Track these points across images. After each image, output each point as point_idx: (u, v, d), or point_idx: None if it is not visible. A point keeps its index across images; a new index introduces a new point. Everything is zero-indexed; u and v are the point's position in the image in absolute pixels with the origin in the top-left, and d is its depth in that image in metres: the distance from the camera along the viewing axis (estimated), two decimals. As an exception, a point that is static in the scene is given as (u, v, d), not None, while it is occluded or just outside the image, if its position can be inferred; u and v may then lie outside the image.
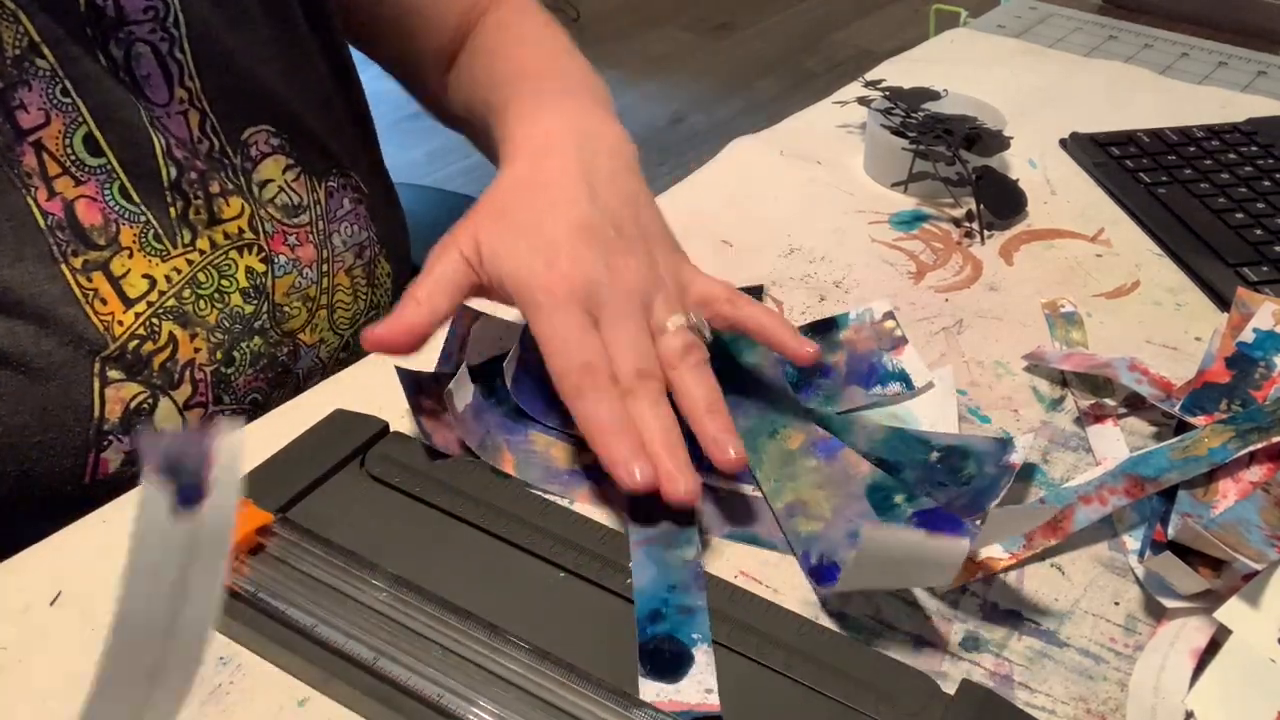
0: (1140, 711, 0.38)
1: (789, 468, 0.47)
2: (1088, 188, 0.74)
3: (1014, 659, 0.41)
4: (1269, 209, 0.69)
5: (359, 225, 0.63)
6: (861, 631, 0.42)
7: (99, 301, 0.51)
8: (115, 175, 0.51)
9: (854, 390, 0.53)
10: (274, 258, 0.58)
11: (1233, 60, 0.97)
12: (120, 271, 0.51)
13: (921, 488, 0.46)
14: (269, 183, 0.58)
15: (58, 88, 0.49)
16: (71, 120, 0.49)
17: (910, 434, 0.49)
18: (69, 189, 0.49)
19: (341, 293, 0.62)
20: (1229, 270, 0.63)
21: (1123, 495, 0.45)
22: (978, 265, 0.65)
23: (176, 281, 0.53)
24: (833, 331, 0.56)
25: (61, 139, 0.49)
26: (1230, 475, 0.45)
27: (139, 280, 0.52)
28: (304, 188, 0.60)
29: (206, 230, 0.55)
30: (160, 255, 0.53)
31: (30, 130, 0.48)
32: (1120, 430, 0.51)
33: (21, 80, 0.48)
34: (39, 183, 0.49)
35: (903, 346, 0.55)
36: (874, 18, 3.29)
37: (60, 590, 0.42)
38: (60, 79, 0.49)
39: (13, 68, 0.47)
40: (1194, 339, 0.59)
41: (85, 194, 0.50)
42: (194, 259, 0.54)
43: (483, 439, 0.49)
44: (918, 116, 0.73)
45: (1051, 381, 0.55)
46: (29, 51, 0.47)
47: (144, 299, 0.52)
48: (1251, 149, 0.76)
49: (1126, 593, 0.44)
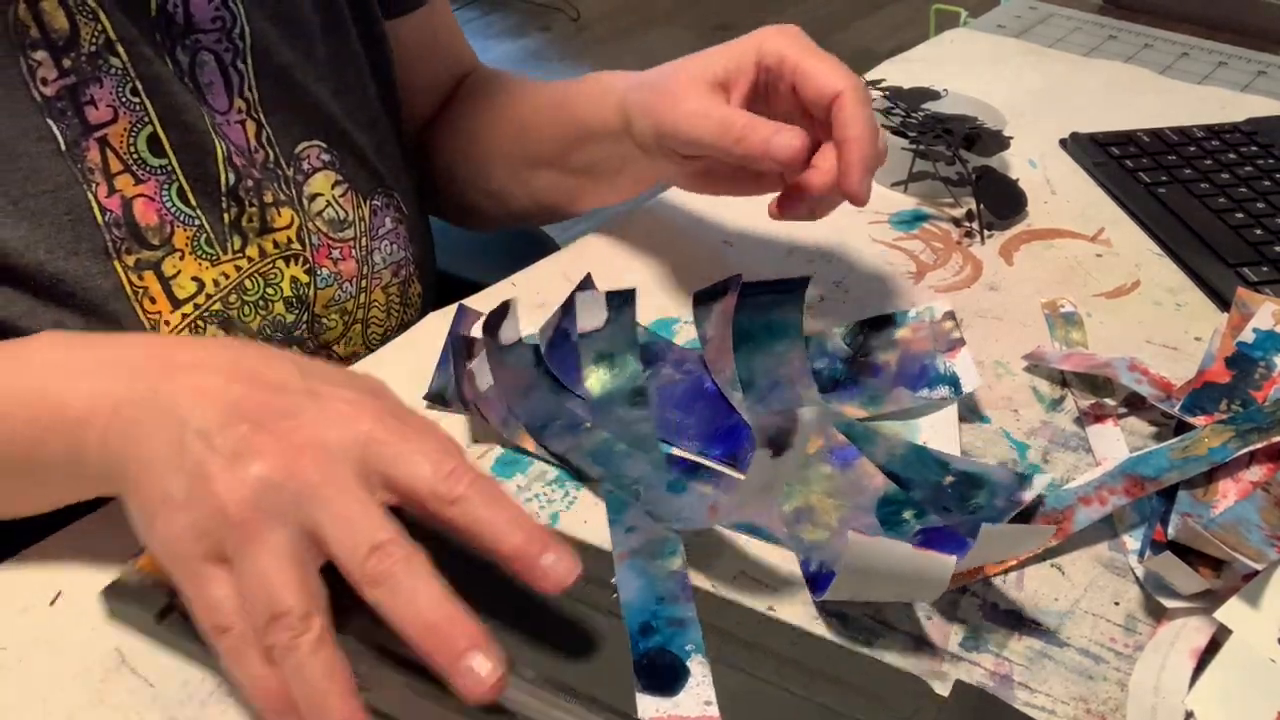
0: (1140, 711, 0.38)
1: (803, 471, 0.47)
2: (1088, 188, 0.74)
3: (1014, 659, 0.41)
4: (1269, 209, 0.69)
5: (398, 245, 0.64)
6: (861, 632, 0.42)
7: (148, 300, 0.51)
8: (175, 177, 0.52)
9: (900, 392, 0.52)
10: (317, 270, 0.58)
11: (1233, 60, 0.97)
12: (171, 272, 0.52)
13: (928, 509, 0.46)
14: (318, 196, 0.59)
15: (128, 87, 0.49)
16: (138, 119, 0.50)
17: (931, 454, 0.49)
18: (129, 187, 0.50)
19: (376, 309, 0.63)
20: (1229, 270, 0.63)
21: (1122, 495, 0.45)
22: (978, 265, 0.65)
23: (224, 286, 0.54)
24: (889, 329, 0.55)
25: (126, 137, 0.50)
26: (1230, 475, 0.45)
27: (188, 282, 0.53)
28: (350, 204, 0.61)
29: (257, 238, 0.55)
30: (210, 259, 0.53)
31: (98, 126, 0.49)
32: (1120, 430, 0.51)
33: (94, 77, 0.48)
34: (100, 179, 0.49)
35: (958, 349, 0.53)
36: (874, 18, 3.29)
37: (60, 590, 0.42)
38: (131, 78, 0.49)
39: (87, 63, 0.48)
40: (1194, 339, 0.59)
41: (144, 193, 0.51)
42: (242, 265, 0.55)
43: (505, 417, 0.50)
44: (918, 116, 0.73)
45: (1051, 381, 0.55)
46: (104, 49, 0.48)
47: (191, 301, 0.53)
48: (1251, 149, 0.76)
49: (1126, 593, 0.44)
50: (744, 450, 0.50)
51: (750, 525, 0.46)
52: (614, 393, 0.52)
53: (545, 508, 0.47)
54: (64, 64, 0.47)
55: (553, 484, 0.48)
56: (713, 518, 0.44)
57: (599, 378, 0.53)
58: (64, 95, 0.47)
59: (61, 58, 0.47)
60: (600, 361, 0.53)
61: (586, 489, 0.48)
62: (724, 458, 0.49)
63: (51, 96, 0.47)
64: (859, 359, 0.54)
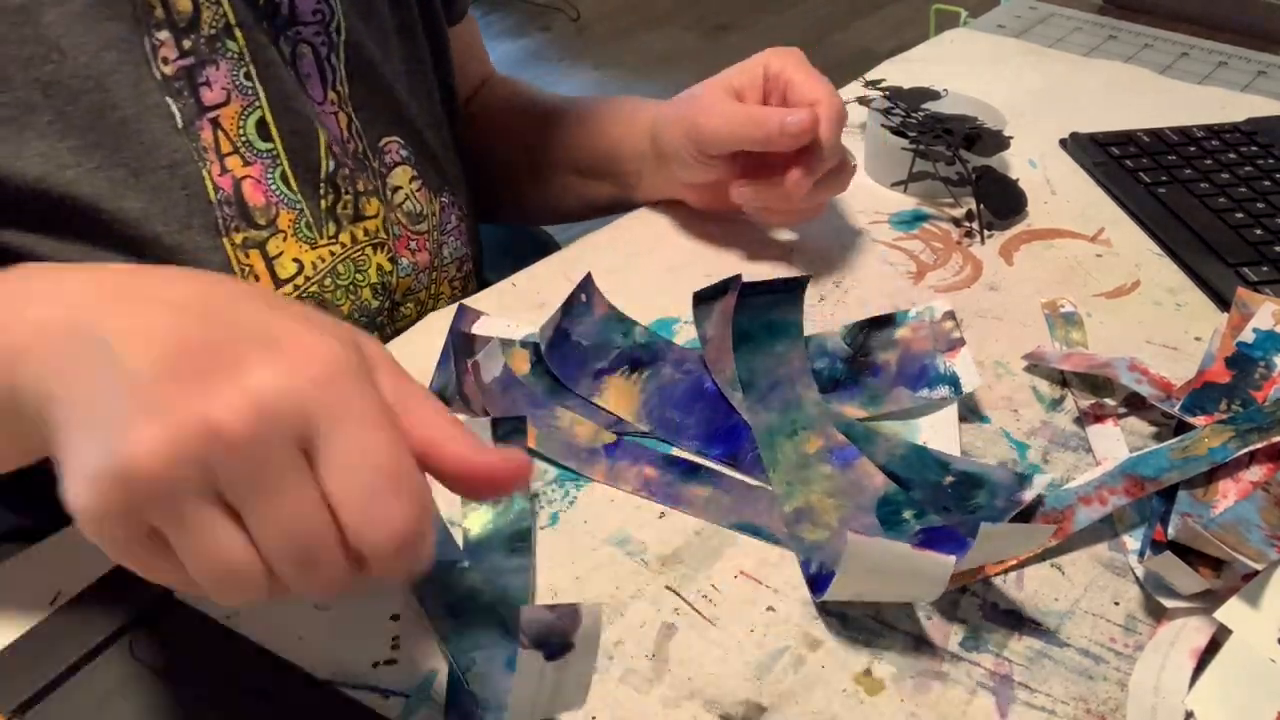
0: (1140, 711, 0.38)
1: (803, 471, 0.47)
2: (1088, 188, 0.74)
3: (1014, 659, 0.41)
4: (1269, 209, 0.69)
5: (462, 241, 0.67)
6: (861, 632, 0.42)
7: (252, 278, 0.53)
8: (279, 161, 0.53)
9: (900, 392, 0.52)
10: (398, 259, 0.60)
11: (1233, 60, 0.97)
12: (275, 252, 0.53)
13: (927, 508, 0.46)
14: (398, 189, 0.61)
15: (242, 71, 0.51)
16: (249, 103, 0.52)
17: (931, 454, 0.49)
18: (238, 168, 0.52)
19: (442, 301, 0.65)
20: (1229, 270, 0.63)
21: (1122, 495, 0.45)
22: (978, 265, 0.65)
23: (321, 269, 0.55)
24: (889, 328, 0.55)
25: (237, 120, 0.51)
26: (1230, 475, 0.45)
27: (290, 263, 0.54)
28: (425, 199, 0.63)
29: (350, 225, 0.57)
30: (310, 243, 0.55)
31: (211, 107, 0.50)
32: (1120, 430, 0.51)
33: (211, 59, 0.50)
34: (214, 158, 0.51)
35: (958, 348, 0.53)
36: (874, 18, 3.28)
37: (60, 590, 0.42)
38: (246, 62, 0.51)
39: (205, 46, 0.50)
40: (1194, 339, 0.59)
41: (251, 175, 0.52)
42: (336, 251, 0.56)
43: (507, 411, 0.50)
44: (918, 116, 0.73)
45: (1051, 381, 0.55)
46: (223, 33, 0.50)
47: (291, 281, 0.54)
48: (1251, 149, 0.76)
49: (1126, 593, 0.44)
50: (744, 450, 0.50)
51: (751, 525, 0.46)
52: (493, 536, 0.45)
53: (545, 508, 0.47)
54: (184, 45, 0.49)
55: (553, 484, 0.48)
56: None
57: (479, 517, 0.46)
58: (182, 75, 0.49)
59: (183, 39, 0.49)
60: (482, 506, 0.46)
61: (587, 489, 0.48)
62: (724, 458, 0.50)
63: (171, 75, 0.49)
64: (859, 359, 0.54)
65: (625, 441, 0.50)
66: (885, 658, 0.41)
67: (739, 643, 0.41)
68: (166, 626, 0.40)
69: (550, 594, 0.43)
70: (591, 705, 0.39)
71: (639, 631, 0.42)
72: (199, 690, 0.38)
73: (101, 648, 0.39)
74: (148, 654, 0.39)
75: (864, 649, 0.41)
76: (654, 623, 0.42)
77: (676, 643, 0.41)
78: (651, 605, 0.43)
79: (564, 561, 0.45)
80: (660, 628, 0.42)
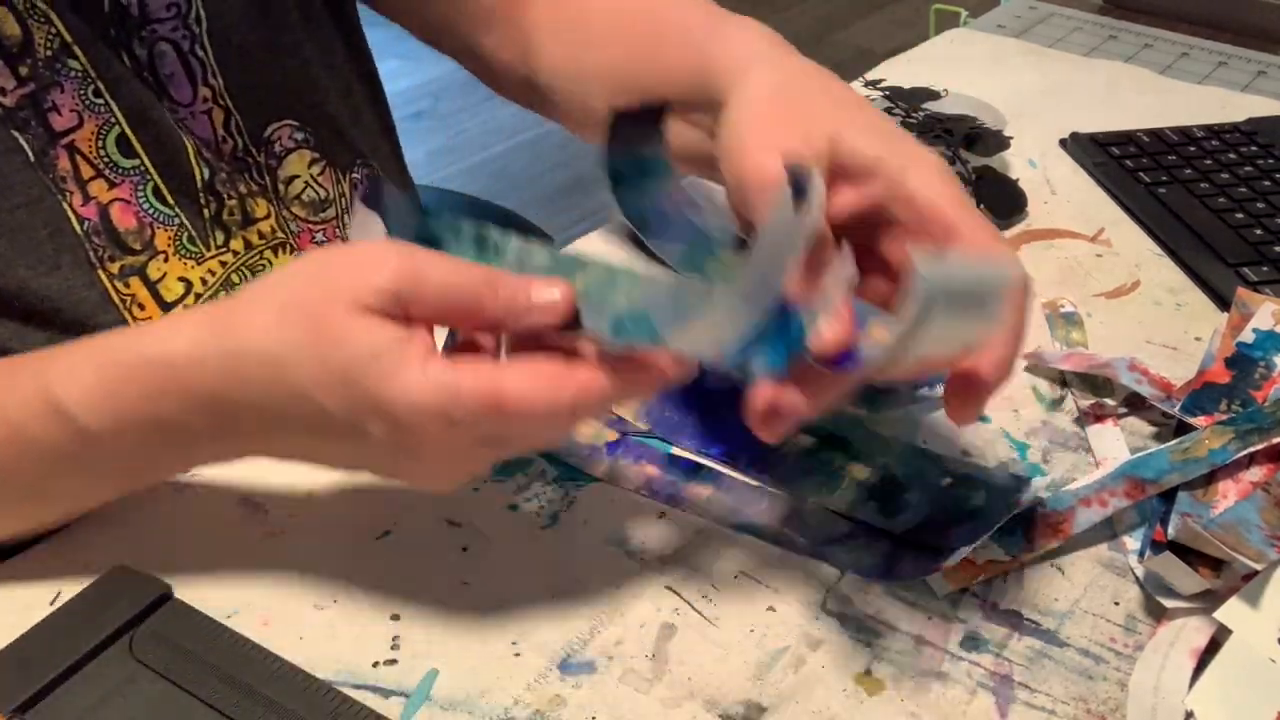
0: (1140, 711, 0.38)
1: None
2: (1088, 188, 0.74)
3: (1014, 659, 0.41)
4: (1269, 209, 0.69)
5: None
6: (862, 632, 0.42)
7: (136, 307, 0.50)
8: (149, 176, 0.51)
9: (901, 392, 0.52)
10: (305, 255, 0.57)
11: (1233, 60, 0.97)
12: (157, 276, 0.51)
13: (919, 508, 0.45)
14: (295, 179, 0.58)
15: (90, 89, 0.48)
16: (104, 122, 0.49)
17: (931, 455, 0.49)
18: (103, 192, 0.49)
19: None
20: (1229, 270, 0.63)
21: (1123, 497, 0.45)
22: (978, 265, 0.65)
23: (212, 284, 0.53)
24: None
25: (94, 141, 0.49)
26: (1230, 475, 0.45)
27: (175, 284, 0.52)
28: (330, 181, 0.59)
29: (240, 231, 0.54)
30: (195, 258, 0.52)
31: (63, 133, 0.48)
32: (1120, 430, 0.51)
33: (54, 82, 0.47)
34: (73, 186, 0.48)
35: None
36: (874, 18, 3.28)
37: (60, 590, 0.42)
38: (92, 79, 0.48)
39: (45, 69, 0.47)
40: (1194, 339, 0.59)
41: (119, 196, 0.50)
42: (228, 260, 0.54)
43: None
44: (918, 116, 0.73)
45: (1051, 381, 0.55)
46: (61, 52, 0.47)
47: (180, 303, 0.52)
48: (1251, 149, 0.76)
49: (1126, 593, 0.44)
50: (742, 450, 0.50)
51: (752, 525, 0.46)
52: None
53: (545, 508, 0.47)
54: (21, 72, 0.46)
55: (553, 484, 0.48)
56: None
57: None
58: (25, 104, 0.46)
59: (18, 65, 0.46)
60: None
61: (587, 489, 0.48)
62: (723, 457, 0.50)
63: (13, 107, 0.46)
64: None
65: (627, 440, 0.50)
66: (885, 658, 0.41)
67: (739, 643, 0.41)
68: (166, 626, 0.40)
69: (550, 594, 0.43)
70: (591, 705, 0.39)
71: (639, 631, 0.42)
72: (199, 690, 0.38)
73: (101, 648, 0.39)
74: (148, 654, 0.39)
75: (864, 649, 0.41)
76: (654, 623, 0.42)
77: (676, 643, 0.41)
78: (651, 605, 0.43)
79: (564, 561, 0.45)
80: (660, 628, 0.42)
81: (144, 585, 0.41)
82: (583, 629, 0.42)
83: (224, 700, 0.37)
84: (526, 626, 0.42)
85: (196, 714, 0.37)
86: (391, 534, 0.46)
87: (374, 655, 0.41)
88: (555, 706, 0.39)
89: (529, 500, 0.47)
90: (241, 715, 0.37)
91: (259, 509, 0.46)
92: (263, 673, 0.39)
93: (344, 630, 0.42)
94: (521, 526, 0.46)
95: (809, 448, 0.49)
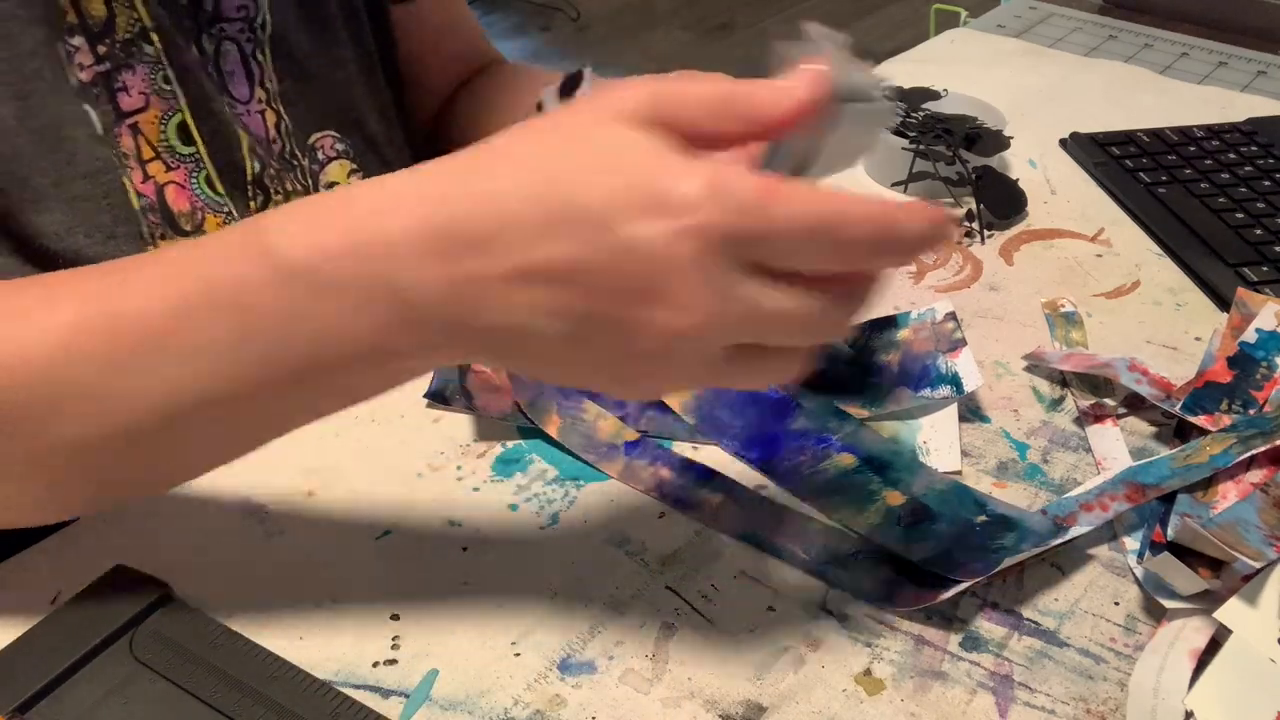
0: (1140, 711, 0.38)
1: None
2: (1088, 188, 0.74)
3: (1014, 659, 0.41)
4: (1269, 209, 0.69)
5: None
6: (862, 632, 0.42)
7: None
8: (203, 165, 0.52)
9: (901, 392, 0.52)
10: None
11: (1233, 60, 0.97)
12: None
13: (941, 539, 0.44)
14: (334, 185, 0.60)
15: (160, 75, 0.50)
16: (169, 108, 0.51)
17: (971, 492, 0.47)
18: (161, 173, 0.51)
19: None
20: (1229, 270, 0.63)
21: (1124, 501, 0.45)
22: (978, 265, 0.65)
23: None
24: (891, 329, 0.55)
25: (157, 124, 0.51)
26: (1231, 477, 0.45)
27: None
28: None
29: None
30: None
31: (130, 113, 0.50)
32: (1120, 430, 0.51)
33: (127, 64, 0.49)
34: (134, 164, 0.50)
35: (960, 349, 0.53)
36: (874, 18, 3.29)
37: (60, 590, 0.42)
38: (164, 66, 0.50)
39: (121, 50, 0.49)
40: (1194, 339, 0.59)
41: (175, 180, 0.51)
42: None
43: (534, 398, 0.50)
44: (918, 116, 0.73)
45: (1051, 381, 0.55)
46: (139, 37, 0.49)
47: None
48: (1251, 149, 0.76)
49: (1126, 593, 0.44)
50: (780, 459, 0.49)
51: (756, 536, 0.46)
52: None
53: (545, 508, 0.47)
54: (99, 50, 0.48)
55: (553, 484, 0.48)
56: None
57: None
58: (98, 81, 0.48)
59: (97, 44, 0.48)
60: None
61: (587, 489, 0.48)
62: (759, 462, 0.49)
63: (87, 82, 0.48)
64: (859, 359, 0.54)
65: (646, 441, 0.50)
66: (885, 658, 0.41)
67: (739, 643, 0.41)
68: (166, 626, 0.40)
69: (550, 594, 0.43)
70: (591, 705, 0.39)
71: (639, 631, 0.42)
72: (199, 690, 0.38)
73: (101, 648, 0.39)
74: (148, 654, 0.39)
75: (864, 649, 0.41)
76: (654, 623, 0.42)
77: (676, 643, 0.41)
78: (651, 605, 0.43)
79: (564, 561, 0.45)
80: (660, 628, 0.42)
81: (144, 585, 0.41)
82: (583, 629, 0.42)
83: (224, 700, 0.37)
84: (526, 626, 0.42)
85: (196, 714, 0.37)
86: (391, 534, 0.46)
87: (374, 655, 0.41)
88: (555, 706, 0.39)
89: (529, 500, 0.47)
90: (241, 715, 0.37)
91: (259, 509, 0.47)
92: (263, 673, 0.38)
93: (344, 630, 0.42)
94: (521, 526, 0.46)
95: (850, 467, 0.48)
